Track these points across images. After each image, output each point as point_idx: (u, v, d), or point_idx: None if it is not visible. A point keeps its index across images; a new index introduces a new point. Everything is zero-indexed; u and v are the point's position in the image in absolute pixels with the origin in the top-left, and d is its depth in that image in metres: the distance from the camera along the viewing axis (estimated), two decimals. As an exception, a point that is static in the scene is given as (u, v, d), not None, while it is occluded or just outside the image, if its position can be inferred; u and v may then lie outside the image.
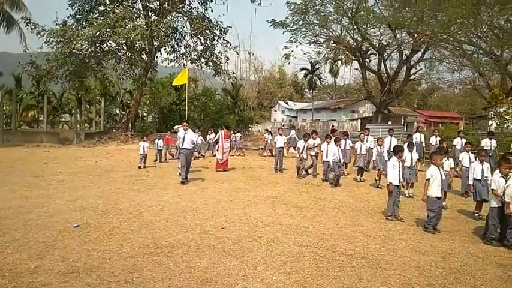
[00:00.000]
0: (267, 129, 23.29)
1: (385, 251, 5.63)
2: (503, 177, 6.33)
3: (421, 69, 30.92)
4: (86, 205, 7.92)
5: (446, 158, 8.90)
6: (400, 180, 7.63)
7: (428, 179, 6.82)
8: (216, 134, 21.59)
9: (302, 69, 54.30)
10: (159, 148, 16.33)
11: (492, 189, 6.43)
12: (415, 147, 10.42)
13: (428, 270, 4.95)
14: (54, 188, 9.74)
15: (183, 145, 11.08)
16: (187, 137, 11.11)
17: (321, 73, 57.91)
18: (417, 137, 14.64)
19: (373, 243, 5.93)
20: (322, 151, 12.03)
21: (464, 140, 13.17)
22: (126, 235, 5.97)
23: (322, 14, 26.60)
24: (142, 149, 14.35)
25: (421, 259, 5.34)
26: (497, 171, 6.54)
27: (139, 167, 13.99)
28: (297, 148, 12.82)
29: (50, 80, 27.57)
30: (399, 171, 7.59)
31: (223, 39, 27.88)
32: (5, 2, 22.78)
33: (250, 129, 36.83)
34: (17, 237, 5.70)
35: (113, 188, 10.00)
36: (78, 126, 30.03)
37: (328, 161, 11.41)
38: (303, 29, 27.85)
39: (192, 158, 11.87)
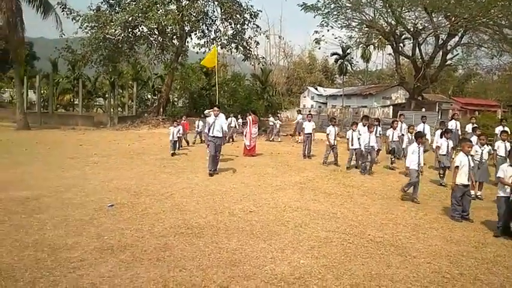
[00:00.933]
0: (299, 110, 23.20)
1: (415, 239, 5.55)
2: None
3: (458, 54, 29.64)
4: (120, 186, 8.19)
5: (484, 146, 8.69)
6: (419, 164, 7.86)
7: (457, 167, 6.68)
8: (240, 120, 21.72)
9: (333, 54, 53.26)
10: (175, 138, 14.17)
11: (499, 177, 6.20)
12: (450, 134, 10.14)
13: (459, 259, 4.86)
14: (89, 169, 10.12)
15: (212, 132, 9.93)
16: (218, 123, 9.97)
17: (352, 58, 56.58)
18: (452, 125, 14.15)
19: (403, 231, 5.86)
20: (348, 139, 11.83)
21: (507, 129, 12.64)
22: (158, 215, 6.15)
23: (355, -4, 25.86)
24: (172, 135, 13.82)
25: (452, 248, 5.24)
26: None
27: (172, 154, 13.33)
28: (326, 134, 12.63)
29: (84, 65, 28.37)
30: (418, 156, 7.86)
31: (254, 24, 27.71)
32: (42, -13, 23.43)
33: (279, 115, 36.69)
34: (56, 214, 5.98)
35: (145, 170, 10.28)
36: (112, 110, 30.87)
37: (354, 149, 11.31)
38: (335, 13, 27.17)
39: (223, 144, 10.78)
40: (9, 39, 22.94)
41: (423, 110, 26.85)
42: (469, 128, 14.18)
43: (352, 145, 11.44)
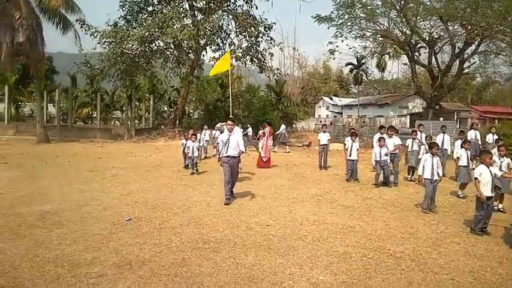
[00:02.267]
0: (283, 117, 23.03)
1: (437, 254, 5.42)
2: None
3: (475, 62, 29.23)
4: (138, 199, 8.26)
5: (503, 158, 8.44)
6: (433, 174, 7.84)
7: (476, 179, 6.53)
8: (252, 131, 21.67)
9: (348, 64, 53.15)
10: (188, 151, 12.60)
11: None
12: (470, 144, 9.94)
13: (483, 275, 4.71)
14: (107, 182, 10.24)
15: (226, 151, 8.18)
16: (233, 139, 8.21)
17: (367, 68, 56.42)
18: (472, 135, 13.87)
19: (424, 246, 5.72)
20: (346, 149, 11.48)
21: None
22: (175, 229, 6.17)
23: (369, 7, 25.79)
24: (191, 151, 12.30)
25: (475, 264, 5.09)
26: None
27: (193, 173, 12.04)
28: (344, 148, 12.44)
29: (102, 79, 28.97)
30: (431, 166, 7.84)
31: (268, 36, 27.96)
32: (62, 5, 24.07)
33: (294, 125, 36.63)
34: (75, 229, 6.05)
35: (162, 182, 10.35)
36: (129, 122, 31.28)
37: (352, 160, 11.18)
38: (349, 23, 27.15)
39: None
40: (30, 55, 23.58)
41: (441, 119, 26.43)
42: (489, 138, 13.88)
43: (350, 155, 11.25)
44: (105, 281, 4.19)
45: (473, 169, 10.30)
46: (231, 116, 9.91)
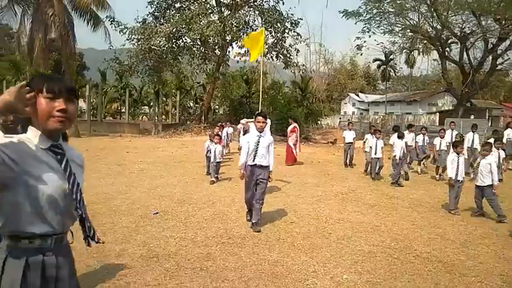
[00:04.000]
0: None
1: (465, 255, 5.30)
2: None
3: (509, 58, 28.18)
4: (164, 194, 8.43)
5: None
6: (459, 174, 7.69)
7: None
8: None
9: (375, 60, 52.37)
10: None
11: None
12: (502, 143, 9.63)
13: (514, 279, 4.58)
14: (135, 176, 10.49)
15: (253, 159, 6.04)
16: (264, 143, 6.05)
17: (395, 64, 55.40)
18: (509, 133, 13.42)
19: (451, 247, 5.61)
20: (370, 147, 11.38)
21: None
22: (200, 224, 6.27)
23: (398, 1, 25.27)
24: (213, 155, 10.19)
25: (505, 267, 4.95)
26: None
27: (213, 182, 9.86)
28: (367, 144, 12.31)
29: (131, 75, 29.64)
30: (457, 165, 7.70)
31: (294, 32, 27.79)
32: (92, 2, 24.72)
33: (319, 122, 36.33)
34: (104, 221, 6.24)
35: (188, 177, 10.51)
36: (156, 117, 31.90)
37: (377, 158, 11.03)
38: (377, 18, 26.72)
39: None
40: (62, 51, 24.37)
41: (472, 117, 25.68)
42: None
43: (375, 153, 11.09)
44: (133, 273, 4.32)
45: (506, 169, 10.03)
46: (261, 111, 7.80)
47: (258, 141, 6.05)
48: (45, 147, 1.80)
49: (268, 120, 6.92)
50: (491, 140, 10.31)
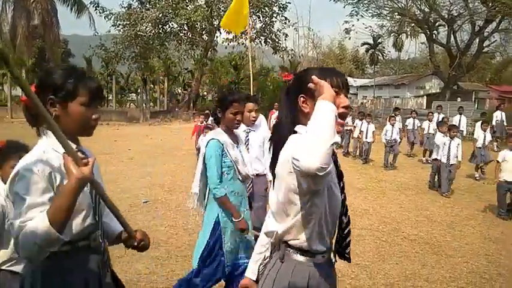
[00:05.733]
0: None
1: (451, 237, 5.42)
2: None
3: (496, 40, 28.38)
4: (154, 182, 8.40)
5: None
6: (451, 157, 7.73)
7: (498, 162, 6.48)
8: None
9: (363, 43, 52.26)
10: None
11: None
12: (490, 126, 9.81)
13: (498, 259, 4.72)
14: (124, 165, 10.43)
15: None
16: (256, 140, 4.36)
17: (383, 47, 55.31)
18: (498, 116, 13.63)
19: (438, 229, 5.73)
20: (362, 131, 11.45)
21: None
22: (191, 211, 6.27)
23: (386, -16, 25.19)
24: None
25: (490, 247, 5.08)
26: None
27: None
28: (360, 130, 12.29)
29: (117, 62, 29.15)
30: (449, 149, 7.73)
31: (282, 16, 27.56)
32: (76, -13, 24.23)
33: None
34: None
35: (178, 165, 10.49)
36: (144, 105, 31.53)
37: (368, 142, 11.15)
38: (365, 1, 26.58)
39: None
40: (45, 38, 23.88)
41: (458, 99, 25.94)
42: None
43: (366, 137, 11.18)
44: (123, 262, 4.32)
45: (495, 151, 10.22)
46: (252, 95, 5.09)
47: (247, 139, 4.27)
48: None
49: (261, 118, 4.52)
50: (478, 123, 10.45)
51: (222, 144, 3.07)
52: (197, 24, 25.52)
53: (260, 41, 28.25)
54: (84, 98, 1.59)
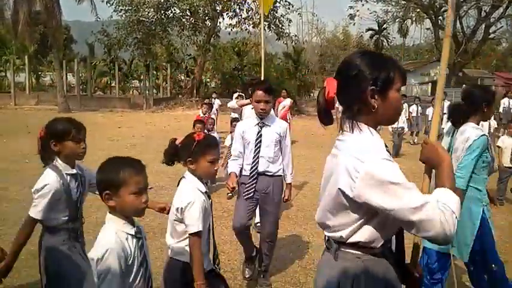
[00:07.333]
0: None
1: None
2: None
3: (502, 26, 28.04)
4: (158, 168, 8.37)
5: None
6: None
7: (499, 147, 6.52)
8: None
9: (368, 29, 51.77)
10: None
11: None
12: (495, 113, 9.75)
13: (502, 246, 4.72)
14: (128, 152, 10.41)
15: (253, 165, 3.60)
16: (269, 137, 3.58)
17: (388, 33, 54.83)
18: (505, 103, 13.61)
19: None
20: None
21: None
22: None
23: (392, -31, 24.80)
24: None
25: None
26: None
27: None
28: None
29: (120, 48, 29.02)
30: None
31: (286, 1, 27.27)
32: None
33: (311, 94, 36.20)
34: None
35: (181, 152, 10.49)
36: (147, 92, 31.47)
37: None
38: (371, -14, 26.27)
39: None
40: (47, 24, 23.71)
41: (463, 86, 25.74)
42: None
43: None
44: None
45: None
46: (263, 79, 5.38)
47: (260, 134, 3.58)
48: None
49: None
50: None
51: None
52: (200, 9, 25.29)
53: (264, 26, 27.97)
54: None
